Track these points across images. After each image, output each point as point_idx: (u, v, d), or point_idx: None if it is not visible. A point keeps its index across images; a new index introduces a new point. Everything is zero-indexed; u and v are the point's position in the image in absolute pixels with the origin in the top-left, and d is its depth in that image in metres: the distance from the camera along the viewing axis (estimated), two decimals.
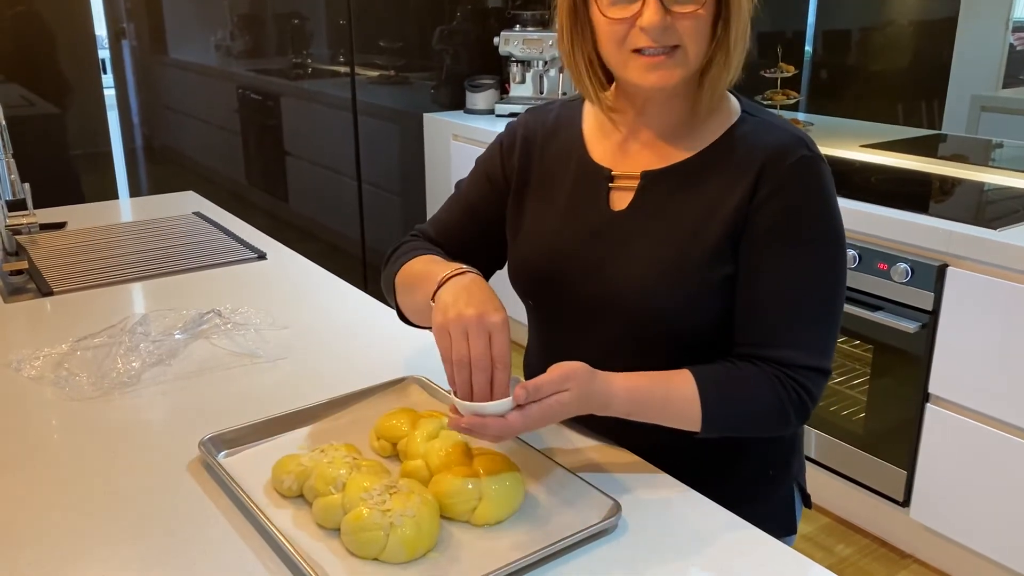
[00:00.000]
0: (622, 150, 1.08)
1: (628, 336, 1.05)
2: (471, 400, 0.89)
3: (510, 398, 0.87)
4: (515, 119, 1.20)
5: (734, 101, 1.06)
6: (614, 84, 1.07)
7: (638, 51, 0.96)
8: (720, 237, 0.99)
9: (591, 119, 1.13)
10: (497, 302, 0.92)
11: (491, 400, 0.89)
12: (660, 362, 1.00)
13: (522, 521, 0.91)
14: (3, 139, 1.48)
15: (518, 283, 1.15)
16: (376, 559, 0.84)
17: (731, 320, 1.02)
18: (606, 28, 0.97)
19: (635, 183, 1.05)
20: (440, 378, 1.19)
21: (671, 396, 0.97)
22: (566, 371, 0.91)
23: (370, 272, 3.63)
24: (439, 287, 0.96)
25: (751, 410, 0.98)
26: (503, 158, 1.17)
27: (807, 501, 1.20)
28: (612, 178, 1.07)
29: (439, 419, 1.02)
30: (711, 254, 0.99)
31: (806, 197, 0.98)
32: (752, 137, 1.01)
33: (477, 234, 1.19)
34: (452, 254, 1.17)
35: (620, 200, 1.06)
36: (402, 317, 1.15)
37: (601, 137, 1.10)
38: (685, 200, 1.02)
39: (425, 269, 1.04)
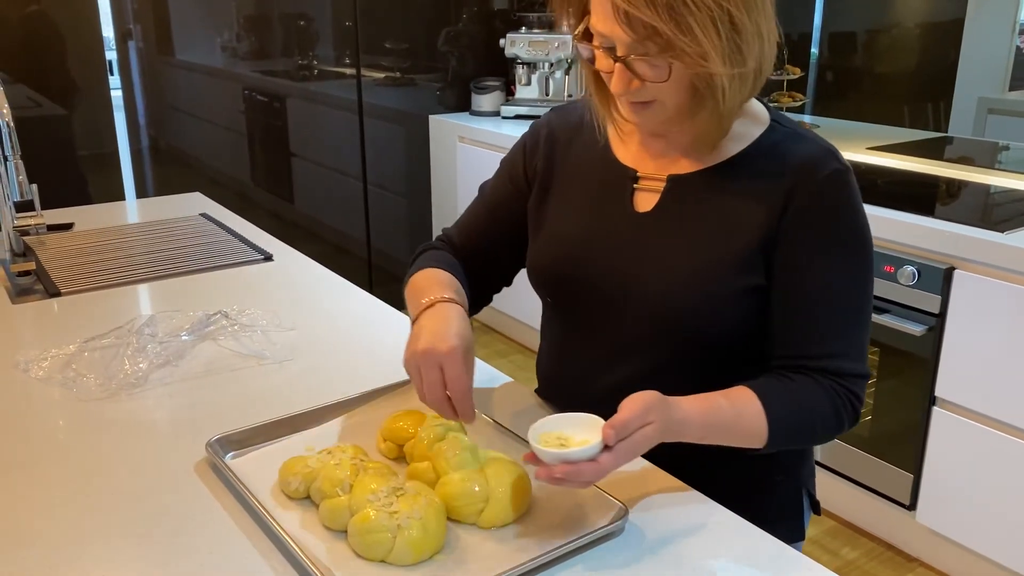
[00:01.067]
0: (647, 152, 1.08)
1: (644, 339, 1.05)
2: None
3: (599, 440, 0.85)
4: (540, 118, 1.20)
5: (761, 109, 1.06)
6: None
7: None
8: (748, 247, 0.99)
9: None
10: (452, 332, 0.96)
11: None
12: (673, 367, 1.00)
13: (528, 524, 0.90)
14: (11, 140, 1.48)
15: (537, 280, 1.15)
16: (383, 561, 0.84)
17: (749, 329, 1.02)
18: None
19: (660, 185, 1.05)
20: None
21: (740, 415, 0.96)
22: (645, 403, 0.88)
23: (375, 274, 3.64)
24: (414, 320, 1.03)
25: (812, 422, 0.99)
26: (526, 159, 1.18)
27: (816, 508, 1.19)
28: (637, 179, 1.07)
29: (445, 421, 1.02)
30: (738, 263, 0.99)
31: (840, 210, 0.99)
32: (782, 148, 1.01)
33: (498, 237, 1.20)
34: (475, 257, 1.20)
35: (644, 202, 1.06)
36: None
37: (626, 138, 1.10)
38: (711, 206, 1.02)
39: (417, 289, 1.08)
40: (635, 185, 1.07)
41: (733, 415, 0.96)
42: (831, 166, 0.98)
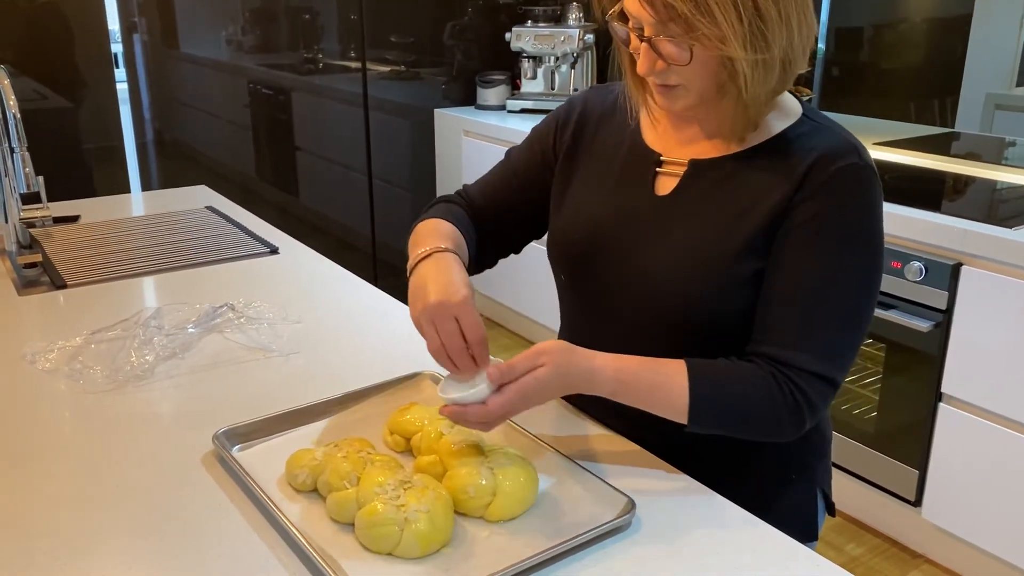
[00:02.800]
0: (675, 137, 1.08)
1: (656, 321, 1.04)
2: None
3: (485, 384, 0.89)
4: (577, 94, 1.21)
5: (794, 103, 1.05)
6: None
7: None
8: (755, 231, 0.98)
9: None
10: (458, 282, 0.96)
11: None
12: (687, 351, 1.00)
13: (536, 517, 0.90)
14: (18, 132, 1.48)
15: (555, 257, 1.15)
16: (390, 554, 0.84)
17: None
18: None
19: (682, 170, 1.05)
20: None
21: (659, 382, 0.95)
22: (539, 347, 0.92)
23: (380, 267, 3.63)
24: (411, 270, 1.02)
25: (741, 409, 0.95)
26: (556, 132, 1.18)
27: (831, 509, 1.18)
28: (660, 162, 1.07)
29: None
30: (744, 247, 0.99)
31: (845, 203, 0.96)
32: (806, 140, 1.00)
33: (518, 201, 1.20)
34: (490, 218, 1.20)
35: (665, 185, 1.06)
36: None
37: (656, 122, 1.10)
38: (729, 192, 1.01)
39: (419, 236, 1.08)
40: (658, 169, 1.07)
41: (651, 381, 0.95)
42: (849, 159, 0.97)
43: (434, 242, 1.03)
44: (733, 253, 0.99)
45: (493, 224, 1.20)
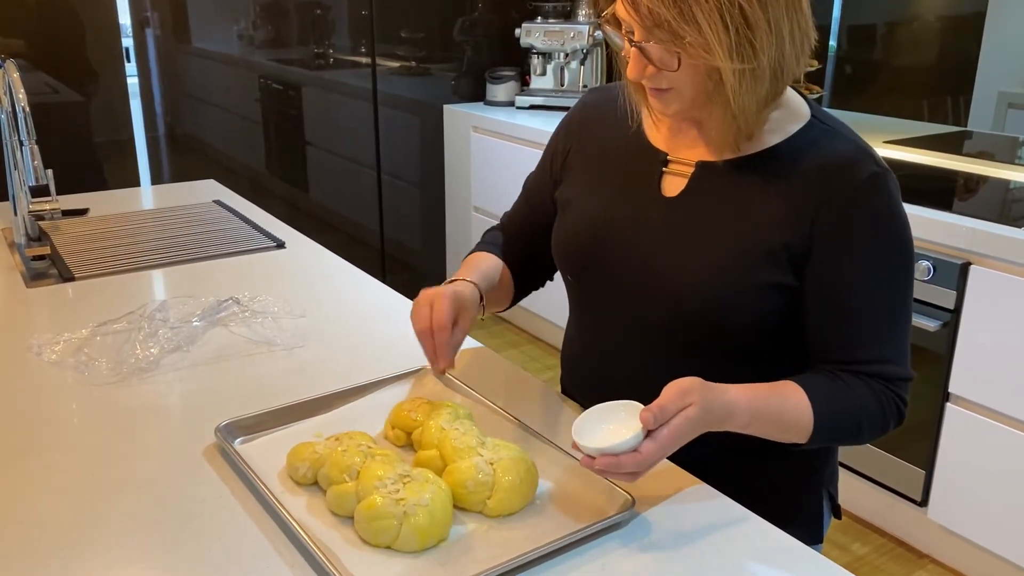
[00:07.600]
0: (680, 136, 1.07)
1: (662, 324, 1.04)
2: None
3: (639, 430, 0.85)
4: (576, 103, 1.22)
5: (801, 103, 1.03)
6: None
7: None
8: (778, 244, 0.97)
9: None
10: (449, 288, 1.07)
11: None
12: (691, 355, 0.99)
13: (535, 513, 0.90)
14: (27, 125, 1.49)
15: (560, 256, 1.15)
16: (388, 547, 0.84)
17: (771, 324, 1.01)
18: None
19: (689, 170, 1.04)
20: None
21: (786, 406, 0.95)
22: (683, 386, 0.88)
23: (388, 262, 3.64)
24: None
25: (859, 421, 0.98)
26: (558, 143, 1.20)
27: (837, 512, 1.18)
28: (666, 162, 1.06)
29: (453, 409, 1.02)
30: (767, 257, 0.98)
31: (880, 215, 0.97)
32: (818, 146, 0.99)
33: (537, 226, 1.22)
34: (518, 244, 1.25)
35: (672, 186, 1.05)
36: None
37: (659, 123, 1.09)
38: (739, 197, 1.00)
39: (461, 268, 1.18)
40: (664, 169, 1.06)
41: (779, 405, 0.95)
42: (868, 169, 0.96)
43: (463, 274, 1.14)
44: (754, 262, 0.98)
45: (523, 250, 1.24)
